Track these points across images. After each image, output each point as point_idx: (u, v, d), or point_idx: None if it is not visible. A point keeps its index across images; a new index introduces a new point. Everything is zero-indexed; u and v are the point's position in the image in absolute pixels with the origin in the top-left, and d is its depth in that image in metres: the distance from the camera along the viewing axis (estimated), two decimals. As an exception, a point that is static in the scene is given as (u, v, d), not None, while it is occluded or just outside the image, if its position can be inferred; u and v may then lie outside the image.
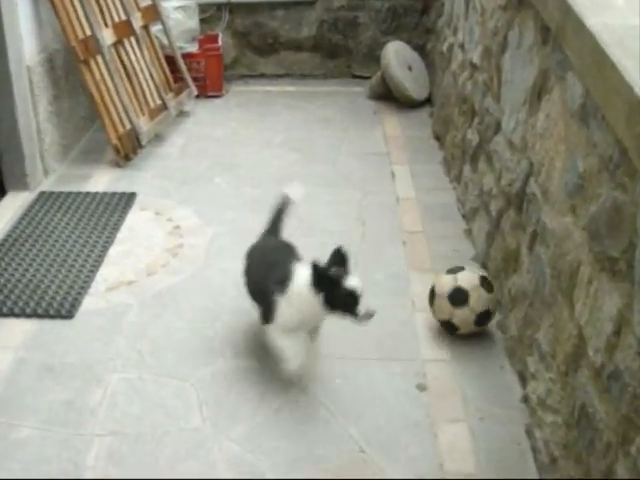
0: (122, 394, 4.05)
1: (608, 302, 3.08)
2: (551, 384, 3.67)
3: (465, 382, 4.18)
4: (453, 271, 4.54)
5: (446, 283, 4.46)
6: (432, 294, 4.52)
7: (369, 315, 3.81)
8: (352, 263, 3.88)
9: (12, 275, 4.97)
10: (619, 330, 2.99)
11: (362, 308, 3.78)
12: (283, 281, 3.89)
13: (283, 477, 3.59)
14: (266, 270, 4.08)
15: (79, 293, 4.82)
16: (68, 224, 5.59)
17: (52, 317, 4.62)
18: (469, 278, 4.46)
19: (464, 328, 4.44)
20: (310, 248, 5.18)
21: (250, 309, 4.57)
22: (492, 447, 3.79)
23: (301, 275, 3.88)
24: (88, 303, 4.78)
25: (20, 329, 4.52)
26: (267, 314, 4.00)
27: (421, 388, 4.14)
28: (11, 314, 4.61)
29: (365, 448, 3.75)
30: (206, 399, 4.01)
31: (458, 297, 4.36)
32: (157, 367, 4.24)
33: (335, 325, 4.25)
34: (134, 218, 5.76)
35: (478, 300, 4.38)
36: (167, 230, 5.60)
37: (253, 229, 5.42)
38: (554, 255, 3.75)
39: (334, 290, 3.76)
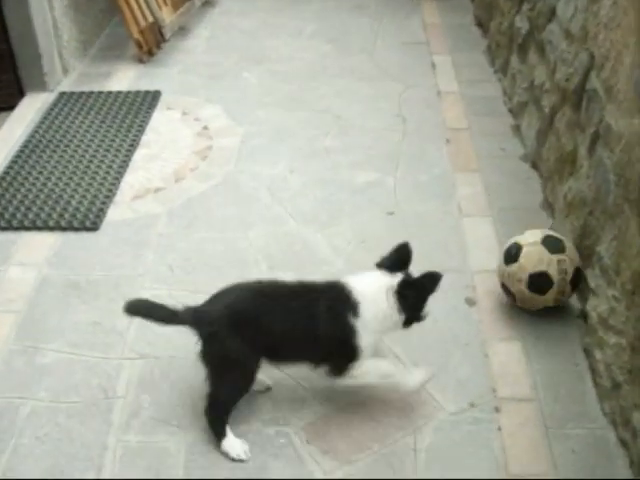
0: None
1: (687, 219, 2.76)
2: (615, 302, 3.38)
3: (517, 296, 3.89)
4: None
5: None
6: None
7: (425, 317, 3.32)
8: (393, 164, 3.55)
9: (33, 185, 4.70)
10: (699, 251, 2.67)
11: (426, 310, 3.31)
12: (344, 304, 3.14)
13: (324, 402, 3.37)
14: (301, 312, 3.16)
15: (104, 203, 4.56)
16: (90, 127, 5.29)
17: (76, 229, 4.38)
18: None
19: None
20: (348, 150, 4.90)
21: (284, 214, 4.32)
22: (548, 368, 3.54)
23: (364, 285, 3.19)
24: (113, 214, 4.53)
25: (43, 243, 4.29)
26: (345, 357, 3.18)
27: (470, 302, 3.87)
28: (33, 227, 4.37)
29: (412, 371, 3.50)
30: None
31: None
32: (188, 282, 3.99)
33: (375, 236, 3.99)
34: (159, 118, 5.45)
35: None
36: (195, 131, 5.29)
37: (287, 128, 5.14)
38: (620, 161, 3.40)
39: (419, 298, 3.25)
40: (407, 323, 3.23)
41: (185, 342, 3.55)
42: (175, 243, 4.28)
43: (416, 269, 3.94)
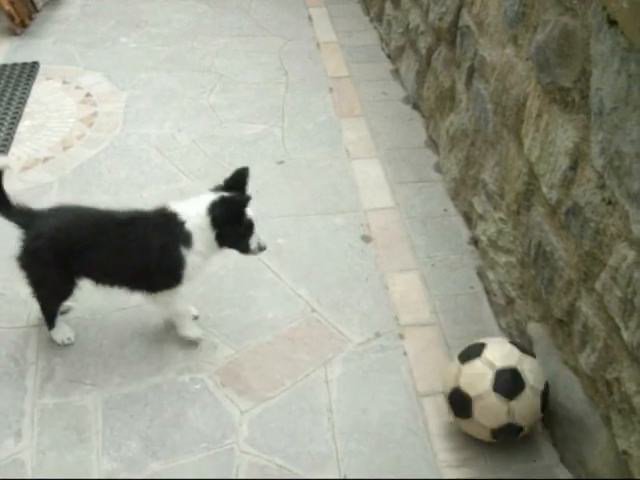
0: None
1: (561, 135, 2.93)
2: (502, 224, 3.56)
3: (411, 229, 4.06)
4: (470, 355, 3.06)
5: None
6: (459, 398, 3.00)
7: (262, 248, 3.29)
8: (279, 115, 3.63)
9: None
10: (576, 164, 2.85)
11: (255, 240, 3.27)
12: (175, 236, 3.17)
13: (234, 346, 3.46)
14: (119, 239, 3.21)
15: (-8, 174, 4.48)
16: (-31, 102, 5.18)
17: (-34, 204, 4.29)
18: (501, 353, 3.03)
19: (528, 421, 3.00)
20: (233, 106, 4.96)
21: (176, 172, 4.37)
22: (445, 293, 3.71)
23: (192, 212, 3.18)
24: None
25: None
26: (169, 277, 3.26)
27: (366, 239, 4.01)
28: None
29: (316, 307, 3.63)
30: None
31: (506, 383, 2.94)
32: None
33: (268, 185, 4.08)
34: (40, 89, 5.36)
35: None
36: (78, 99, 5.24)
37: (171, 89, 5.16)
38: (496, 90, 3.57)
39: (236, 222, 3.20)
40: (222, 242, 3.22)
41: (90, 303, 3.59)
42: (70, 210, 4.24)
43: (311, 212, 4.07)
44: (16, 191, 4.29)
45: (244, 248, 3.27)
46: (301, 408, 3.21)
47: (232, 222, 3.18)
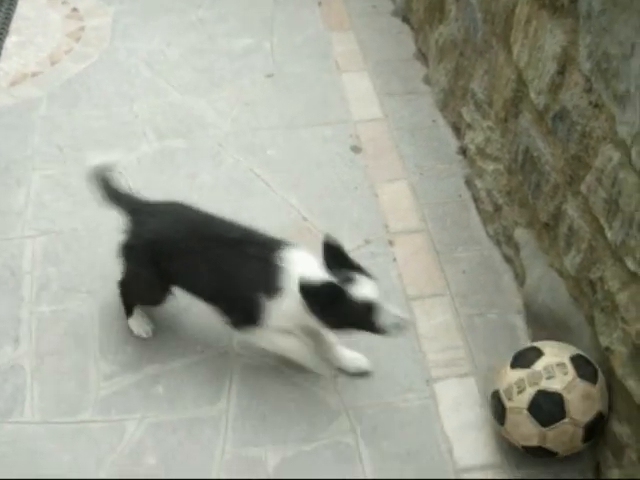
0: (47, 192, 3.85)
1: (550, 40, 2.95)
2: (490, 132, 3.60)
3: (400, 140, 4.09)
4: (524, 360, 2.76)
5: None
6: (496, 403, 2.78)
7: (401, 326, 2.76)
8: (268, 29, 3.60)
9: None
10: (564, 69, 2.88)
11: (387, 317, 2.74)
12: (270, 282, 2.83)
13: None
14: (232, 261, 2.93)
15: (-20, 89, 4.49)
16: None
17: (-44, 119, 4.31)
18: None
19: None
20: (222, 19, 4.93)
21: (165, 86, 4.38)
22: (434, 201, 3.77)
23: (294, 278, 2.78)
24: (-9, 102, 4.46)
25: None
26: (250, 317, 2.92)
27: (356, 150, 4.04)
28: None
29: (307, 216, 3.68)
30: (136, 185, 3.80)
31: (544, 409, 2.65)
32: (80, 160, 3.97)
33: (257, 98, 4.10)
34: (25, 5, 5.29)
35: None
36: (64, 14, 5.18)
37: (159, 4, 5.12)
38: (485, -2, 3.57)
39: (340, 308, 2.73)
40: (339, 325, 2.84)
41: (84, 215, 3.64)
42: (60, 124, 4.26)
43: (301, 124, 4.10)
44: (6, 107, 4.35)
45: (373, 330, 2.78)
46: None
47: (331, 310, 2.74)
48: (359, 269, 2.79)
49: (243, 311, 2.93)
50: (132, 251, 3.03)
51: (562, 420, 2.61)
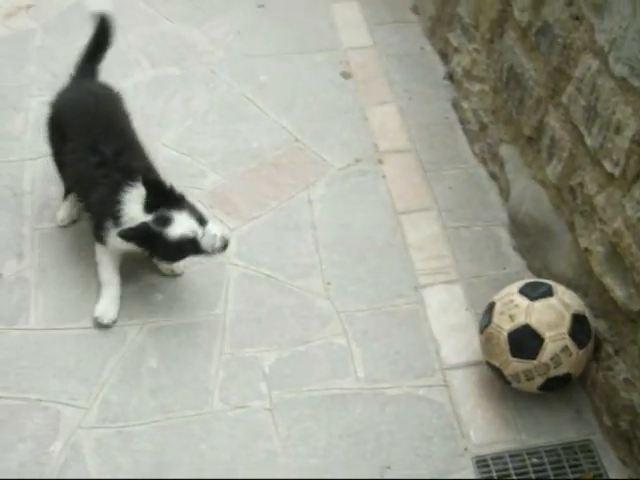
0: (44, 117, 3.94)
1: (533, -43, 3.06)
2: (476, 54, 3.71)
3: (389, 66, 4.19)
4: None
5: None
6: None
7: (224, 244, 3.00)
8: None
9: None
10: (546, -16, 2.99)
11: (209, 240, 2.97)
12: (112, 211, 3.02)
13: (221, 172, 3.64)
14: (94, 153, 3.08)
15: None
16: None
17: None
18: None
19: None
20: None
21: (158, 16, 4.47)
22: (421, 123, 3.89)
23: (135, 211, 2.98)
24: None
25: None
26: (97, 231, 3.16)
27: (346, 76, 4.14)
28: None
29: (299, 137, 3.80)
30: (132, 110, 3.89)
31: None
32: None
33: (249, 27, 4.21)
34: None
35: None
36: (55, -51, 5.23)
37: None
38: None
39: (161, 245, 2.97)
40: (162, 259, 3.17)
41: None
42: (56, 53, 4.33)
43: (292, 51, 4.20)
44: (2, 38, 4.43)
45: (198, 254, 3.05)
46: (286, 225, 3.44)
47: (153, 248, 3.01)
48: (181, 202, 2.99)
49: (95, 225, 3.17)
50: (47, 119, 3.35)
51: (568, 384, 2.82)
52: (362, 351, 3.02)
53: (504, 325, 2.73)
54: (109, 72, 4.04)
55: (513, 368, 2.73)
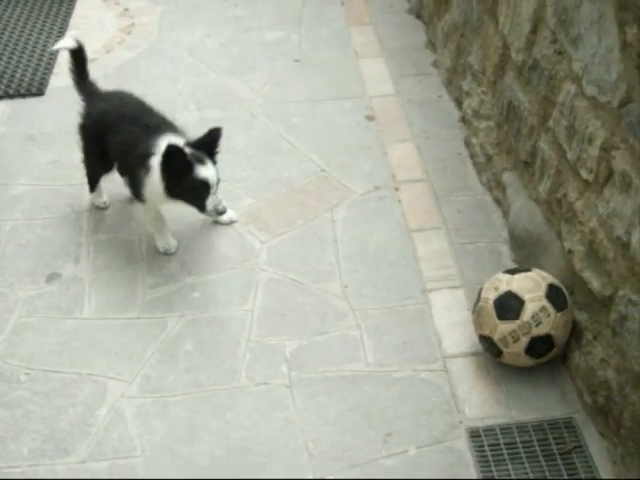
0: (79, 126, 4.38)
1: (525, 5, 3.54)
2: (483, 96, 4.17)
3: (409, 111, 4.68)
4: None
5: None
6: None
7: (218, 212, 3.66)
8: (297, 24, 4.20)
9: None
10: (536, 27, 3.46)
11: (213, 201, 3.56)
12: (145, 156, 3.56)
13: (255, 196, 4.11)
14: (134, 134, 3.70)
15: (45, 73, 5.16)
16: (20, 17, 5.82)
17: (23, 96, 4.98)
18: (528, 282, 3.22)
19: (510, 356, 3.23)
20: (256, 16, 5.58)
21: (205, 69, 5.01)
22: (436, 158, 4.34)
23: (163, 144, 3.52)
24: (55, 82, 5.11)
25: (-4, 110, 4.88)
26: (135, 189, 3.74)
27: (370, 118, 4.63)
28: (-18, 97, 4.94)
29: (326, 168, 4.28)
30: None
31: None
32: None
33: (285, 78, 4.71)
34: (83, 6, 5.98)
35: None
36: (117, 12, 5.86)
37: (200, 4, 5.80)
38: (479, -19, 4.17)
39: (182, 177, 3.48)
40: (172, 194, 3.55)
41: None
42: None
43: (323, 98, 4.72)
44: (67, 86, 4.97)
45: (199, 206, 3.57)
46: (311, 240, 3.88)
47: (175, 174, 3.47)
48: (214, 160, 3.59)
49: (133, 185, 3.73)
50: (85, 129, 3.94)
51: (552, 351, 3.20)
52: (373, 342, 3.42)
53: (490, 295, 3.20)
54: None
55: (501, 331, 3.14)
